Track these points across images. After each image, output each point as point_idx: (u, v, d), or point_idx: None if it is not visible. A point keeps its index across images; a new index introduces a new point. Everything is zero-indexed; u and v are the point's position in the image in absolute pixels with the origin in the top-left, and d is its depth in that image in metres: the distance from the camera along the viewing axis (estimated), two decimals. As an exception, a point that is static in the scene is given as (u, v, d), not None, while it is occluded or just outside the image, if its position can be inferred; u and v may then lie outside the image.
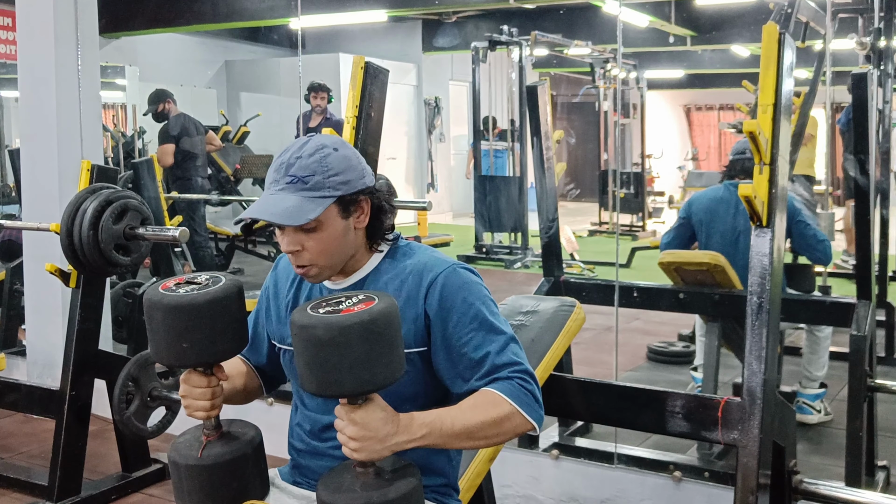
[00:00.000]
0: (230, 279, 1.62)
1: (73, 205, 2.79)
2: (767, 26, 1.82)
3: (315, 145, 1.59)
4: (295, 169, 1.57)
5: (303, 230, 1.58)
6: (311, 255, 1.61)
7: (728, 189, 3.67)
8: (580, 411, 2.25)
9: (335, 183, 1.58)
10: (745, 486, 1.75)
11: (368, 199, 1.64)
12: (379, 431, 1.42)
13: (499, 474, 1.94)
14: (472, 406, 1.55)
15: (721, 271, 3.38)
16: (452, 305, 1.61)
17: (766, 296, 1.79)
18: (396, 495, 1.42)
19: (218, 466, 1.57)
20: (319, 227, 1.58)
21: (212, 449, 1.58)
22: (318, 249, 1.60)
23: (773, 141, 1.79)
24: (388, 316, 1.41)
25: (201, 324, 1.55)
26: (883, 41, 4.52)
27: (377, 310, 1.41)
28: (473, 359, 1.60)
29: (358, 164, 1.62)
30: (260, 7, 7.36)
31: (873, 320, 3.01)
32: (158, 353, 1.58)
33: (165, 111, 6.67)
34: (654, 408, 1.92)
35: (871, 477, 2.97)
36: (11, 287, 4.64)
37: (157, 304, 1.54)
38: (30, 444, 3.65)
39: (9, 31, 7.76)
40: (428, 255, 1.69)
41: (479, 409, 1.55)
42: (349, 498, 1.42)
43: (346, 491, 1.43)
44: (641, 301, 3.66)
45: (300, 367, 1.43)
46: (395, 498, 1.42)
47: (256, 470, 1.64)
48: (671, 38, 8.51)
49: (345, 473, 1.47)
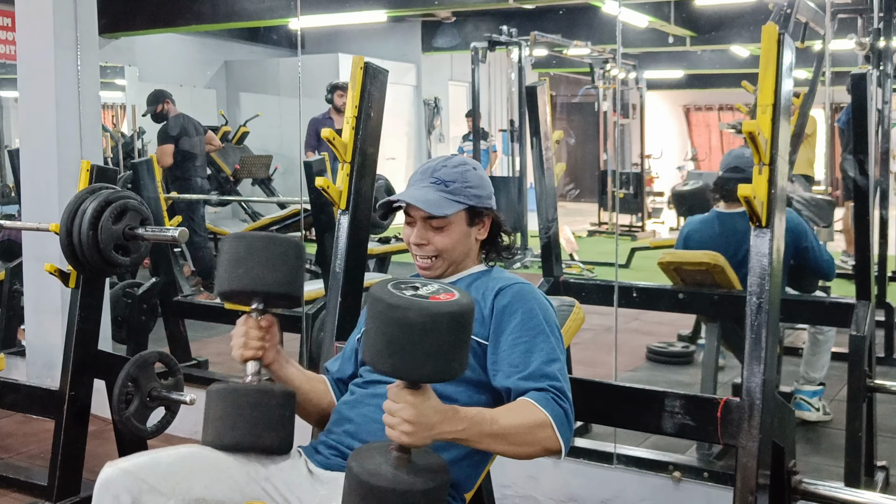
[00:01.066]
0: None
1: (72, 205, 2.79)
2: (767, 27, 1.82)
3: (459, 160, 1.90)
4: (440, 173, 1.86)
5: (432, 227, 1.84)
6: (434, 248, 1.85)
7: (721, 221, 3.56)
8: (579, 411, 2.25)
9: (470, 194, 1.86)
10: (744, 487, 1.75)
11: (491, 217, 1.92)
12: (430, 419, 1.46)
13: (498, 474, 1.94)
14: (509, 409, 1.64)
15: (720, 271, 3.38)
16: (519, 308, 1.78)
17: (765, 296, 1.79)
18: (423, 488, 1.43)
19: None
20: (448, 227, 1.85)
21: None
22: (442, 244, 1.85)
23: (772, 141, 1.80)
24: (471, 311, 1.47)
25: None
26: (882, 41, 4.52)
27: (464, 303, 1.46)
28: (522, 359, 1.71)
29: (489, 187, 1.91)
30: (259, 7, 7.36)
31: (872, 321, 3.01)
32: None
33: (164, 112, 6.66)
34: (653, 408, 1.92)
35: (870, 477, 2.97)
36: (11, 287, 4.64)
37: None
38: (29, 445, 3.65)
39: (8, 31, 7.77)
40: (515, 277, 1.90)
41: (516, 413, 1.62)
42: (378, 478, 1.42)
43: (377, 471, 1.43)
44: (641, 301, 3.66)
45: (376, 342, 1.44)
46: (420, 490, 1.42)
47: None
48: (671, 39, 8.52)
49: (380, 453, 1.48)
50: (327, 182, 2.31)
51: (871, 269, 3.09)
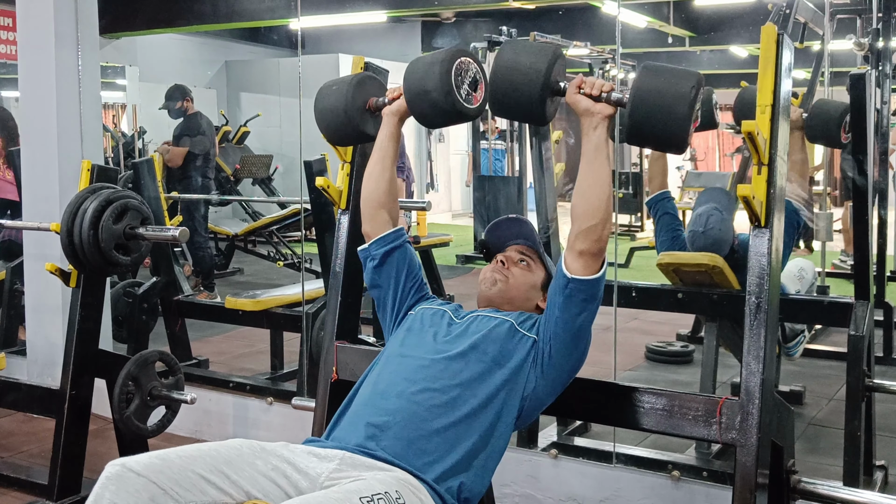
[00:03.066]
0: None
1: (73, 204, 2.80)
2: (766, 27, 1.83)
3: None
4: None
5: (517, 263, 2.06)
6: (509, 276, 2.04)
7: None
8: (579, 411, 2.26)
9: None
10: (743, 486, 1.75)
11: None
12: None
13: (498, 474, 1.95)
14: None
15: (719, 272, 3.38)
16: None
17: (764, 296, 1.79)
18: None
19: None
20: (529, 268, 2.07)
21: None
22: (514, 281, 2.04)
23: (771, 141, 1.80)
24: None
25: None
26: (881, 42, 4.53)
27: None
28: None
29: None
30: (260, 7, 7.35)
31: (871, 320, 3.01)
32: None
33: (184, 108, 6.64)
34: (652, 407, 1.93)
35: (869, 476, 2.98)
36: (12, 286, 4.65)
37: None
38: (30, 444, 3.66)
39: (9, 31, 7.77)
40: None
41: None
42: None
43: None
44: (640, 301, 3.66)
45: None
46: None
47: None
48: (670, 39, 8.52)
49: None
50: (328, 182, 2.32)
51: (869, 269, 3.10)
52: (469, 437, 1.78)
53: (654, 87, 1.74)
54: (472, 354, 1.86)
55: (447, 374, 1.84)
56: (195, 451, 1.67)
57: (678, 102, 1.72)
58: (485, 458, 1.81)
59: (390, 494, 1.62)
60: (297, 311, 4.05)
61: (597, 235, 1.80)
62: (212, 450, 1.69)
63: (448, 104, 1.95)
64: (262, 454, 1.71)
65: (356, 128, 2.13)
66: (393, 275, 2.08)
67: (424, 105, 1.99)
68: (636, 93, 1.76)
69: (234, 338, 5.22)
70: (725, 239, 3.44)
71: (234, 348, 5.07)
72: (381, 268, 2.08)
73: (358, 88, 2.13)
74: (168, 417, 2.96)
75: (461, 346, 1.89)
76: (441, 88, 1.94)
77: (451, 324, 1.96)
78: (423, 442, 1.76)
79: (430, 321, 1.98)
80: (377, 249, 2.08)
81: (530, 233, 2.15)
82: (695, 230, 3.48)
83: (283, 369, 4.29)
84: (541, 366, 1.86)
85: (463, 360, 1.86)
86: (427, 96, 1.96)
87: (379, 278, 2.09)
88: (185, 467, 1.62)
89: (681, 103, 1.71)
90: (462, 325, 1.95)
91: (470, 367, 1.85)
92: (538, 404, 1.89)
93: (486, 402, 1.82)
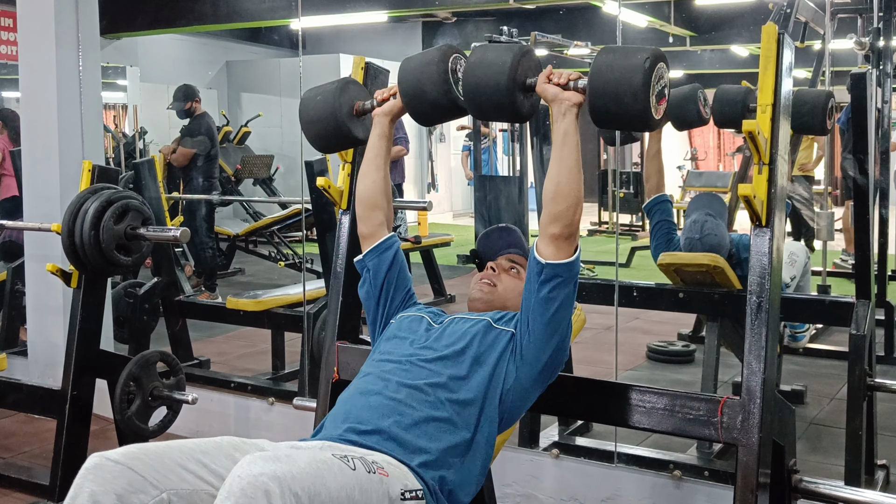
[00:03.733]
0: None
1: (74, 205, 2.80)
2: (766, 26, 1.83)
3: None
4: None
5: (508, 271, 2.12)
6: (498, 282, 2.10)
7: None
8: (580, 410, 2.26)
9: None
10: (744, 485, 1.75)
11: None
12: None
13: (499, 473, 1.95)
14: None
15: (720, 272, 3.39)
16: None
17: (765, 295, 1.79)
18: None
19: None
20: (519, 275, 2.09)
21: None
22: (504, 286, 2.09)
23: (772, 141, 1.80)
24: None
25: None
26: (882, 41, 4.52)
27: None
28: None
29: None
30: (260, 8, 7.34)
31: (872, 319, 3.01)
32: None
33: (192, 109, 6.65)
34: (653, 407, 1.93)
35: (870, 476, 2.98)
36: (13, 287, 4.65)
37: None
38: (31, 444, 3.66)
39: (10, 31, 7.77)
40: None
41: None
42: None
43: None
44: (641, 300, 3.66)
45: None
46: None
47: None
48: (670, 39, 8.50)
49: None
50: (328, 182, 2.32)
51: (870, 268, 3.09)
52: (449, 434, 1.80)
53: (607, 62, 1.78)
54: (451, 355, 1.89)
55: (424, 375, 1.87)
56: (176, 443, 1.71)
57: (632, 73, 1.74)
58: (468, 457, 1.81)
59: (366, 458, 1.65)
60: (298, 312, 4.05)
61: (568, 220, 1.82)
62: (191, 442, 1.72)
63: (449, 101, 1.98)
64: (241, 446, 1.74)
65: (346, 134, 2.16)
66: (381, 286, 2.13)
67: (424, 105, 2.01)
68: (592, 71, 1.79)
69: (235, 338, 5.22)
70: (723, 244, 3.46)
71: (236, 348, 5.07)
72: (374, 280, 2.13)
73: (343, 95, 2.15)
74: (169, 418, 2.96)
75: (439, 348, 1.92)
76: (440, 88, 1.95)
77: (430, 328, 2.00)
78: (403, 433, 1.78)
79: (408, 328, 2.03)
80: (371, 260, 2.14)
81: (520, 241, 2.22)
82: (691, 237, 3.50)
83: (284, 369, 4.30)
84: (519, 355, 1.87)
85: (441, 362, 1.89)
86: (426, 96, 1.98)
87: (372, 289, 2.14)
88: (163, 454, 1.65)
89: (634, 74, 1.73)
90: (439, 329, 1.99)
91: (448, 367, 1.87)
92: (520, 400, 1.90)
93: (467, 400, 1.84)
